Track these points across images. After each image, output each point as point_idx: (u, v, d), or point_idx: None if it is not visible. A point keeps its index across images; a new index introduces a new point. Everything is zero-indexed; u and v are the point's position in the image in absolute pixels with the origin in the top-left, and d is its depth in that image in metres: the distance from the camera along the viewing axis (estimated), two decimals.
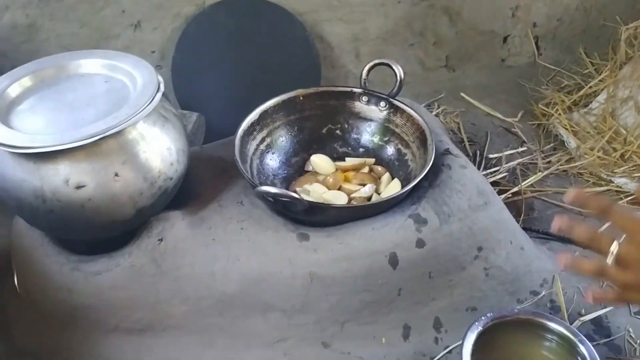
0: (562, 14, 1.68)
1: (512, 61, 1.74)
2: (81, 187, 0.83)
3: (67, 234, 0.91)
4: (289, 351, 0.96)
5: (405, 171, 1.09)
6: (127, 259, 0.92)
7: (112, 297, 0.92)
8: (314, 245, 0.93)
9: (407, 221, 0.95)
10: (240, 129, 1.06)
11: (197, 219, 0.97)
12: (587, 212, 0.77)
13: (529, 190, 1.30)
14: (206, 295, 0.93)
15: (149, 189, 0.88)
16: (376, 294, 0.95)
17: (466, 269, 0.99)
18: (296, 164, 1.15)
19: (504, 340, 0.94)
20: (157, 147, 0.89)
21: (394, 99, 1.13)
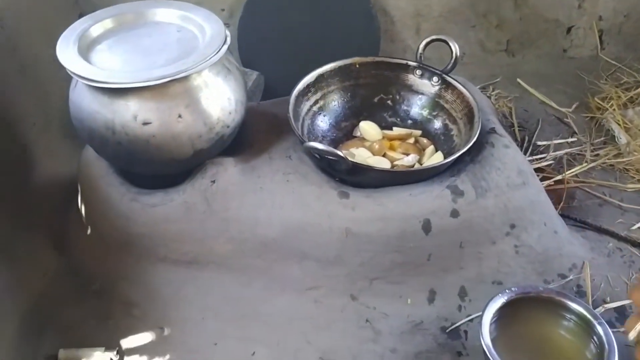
0: (630, 10, 1.65)
1: (573, 52, 1.72)
2: (147, 124, 0.91)
3: (130, 166, 0.99)
4: (319, 299, 1.03)
5: (449, 145, 1.13)
6: (181, 195, 1.00)
7: (165, 229, 1.01)
8: (352, 203, 0.99)
9: (444, 191, 1.00)
10: (296, 89, 1.12)
11: (248, 167, 1.04)
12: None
13: (572, 180, 1.31)
14: (249, 237, 1.00)
15: (207, 133, 0.95)
16: (407, 256, 1.00)
17: (496, 243, 1.02)
18: (345, 128, 1.20)
19: (524, 316, 0.98)
20: (218, 95, 0.96)
21: (447, 75, 1.16)
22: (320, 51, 1.58)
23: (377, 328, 1.01)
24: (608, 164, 1.36)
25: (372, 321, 1.02)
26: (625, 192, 1.28)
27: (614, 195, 1.28)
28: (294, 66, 1.53)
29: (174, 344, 0.99)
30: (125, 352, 0.97)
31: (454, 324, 1.02)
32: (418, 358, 0.98)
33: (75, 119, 0.96)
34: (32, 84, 1.22)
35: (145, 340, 0.99)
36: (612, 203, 1.25)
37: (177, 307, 1.03)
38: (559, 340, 0.96)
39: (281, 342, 1.00)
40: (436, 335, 1.01)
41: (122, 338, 0.99)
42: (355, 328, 1.01)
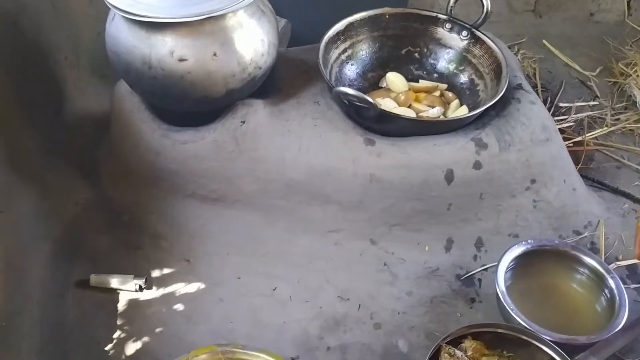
0: None
1: (600, 17, 1.71)
2: (183, 60, 0.92)
3: (164, 102, 1.01)
4: (339, 242, 1.06)
5: (474, 100, 1.14)
6: (211, 134, 1.02)
7: (194, 165, 1.04)
8: (378, 150, 1.01)
9: (468, 143, 1.02)
10: (326, 36, 1.13)
11: (277, 110, 1.06)
12: None
13: (592, 142, 1.33)
14: (275, 178, 1.03)
15: (240, 73, 0.97)
16: (427, 204, 1.03)
17: (516, 197, 1.05)
18: (372, 78, 1.22)
19: (538, 268, 1.01)
20: (252, 36, 0.97)
21: (476, 30, 1.16)
22: (347, 4, 1.58)
23: (394, 272, 1.05)
24: (628, 128, 1.38)
25: (390, 265, 1.06)
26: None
27: (632, 159, 1.29)
28: (321, 15, 1.53)
29: (199, 276, 1.03)
30: (154, 281, 1.02)
31: (468, 272, 1.06)
32: (433, 302, 1.01)
33: (112, 52, 0.97)
34: (64, 19, 1.23)
35: (173, 271, 1.03)
36: (629, 166, 1.27)
37: (202, 242, 1.07)
38: (570, 293, 1.00)
39: (302, 280, 1.04)
40: (451, 282, 1.04)
41: (151, 267, 1.03)
42: (373, 271, 1.05)
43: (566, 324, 0.94)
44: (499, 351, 0.88)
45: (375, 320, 0.99)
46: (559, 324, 0.92)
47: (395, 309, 1.00)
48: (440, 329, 0.97)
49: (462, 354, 0.85)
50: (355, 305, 1.01)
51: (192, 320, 0.97)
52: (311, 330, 0.97)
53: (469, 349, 0.87)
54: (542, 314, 0.94)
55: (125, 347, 0.93)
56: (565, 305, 0.98)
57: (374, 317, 0.99)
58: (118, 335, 0.95)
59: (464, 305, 1.01)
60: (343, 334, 0.97)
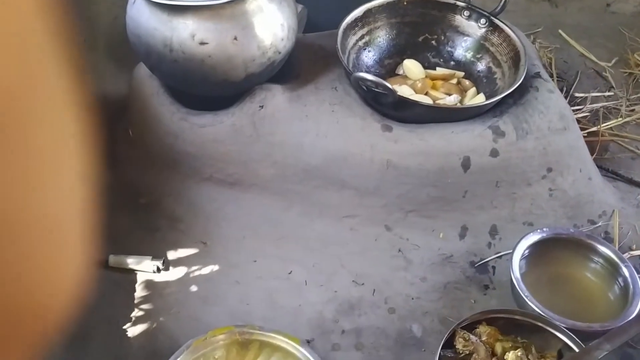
0: None
1: (616, 7, 1.70)
2: (204, 44, 0.93)
3: (184, 85, 1.02)
4: (355, 227, 1.07)
5: (491, 88, 1.14)
6: (230, 118, 1.03)
7: (212, 149, 1.05)
8: (395, 136, 1.02)
9: (485, 131, 1.02)
10: (344, 22, 1.13)
11: (295, 95, 1.06)
12: None
13: (607, 133, 1.33)
14: (293, 162, 1.04)
15: (260, 57, 0.97)
16: (443, 191, 1.04)
17: (532, 185, 1.05)
18: (388, 65, 1.22)
19: (552, 256, 1.02)
20: (272, 21, 0.97)
21: (495, 18, 1.16)
22: None
23: (408, 258, 1.06)
24: None
25: (404, 251, 1.07)
26: None
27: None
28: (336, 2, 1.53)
29: (216, 258, 1.04)
30: (171, 263, 1.03)
31: (483, 259, 1.06)
32: (446, 288, 1.02)
33: (133, 35, 0.98)
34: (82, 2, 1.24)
35: (189, 253, 1.04)
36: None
37: (219, 225, 1.08)
38: (584, 281, 1.01)
39: (317, 264, 1.05)
40: (465, 269, 1.05)
41: (168, 249, 1.04)
42: (387, 257, 1.06)
43: (579, 312, 0.94)
44: (513, 337, 0.89)
45: (389, 305, 1.00)
46: (573, 312, 0.93)
47: (409, 294, 1.01)
48: (453, 315, 0.98)
49: (477, 339, 0.86)
50: (369, 289, 1.02)
51: (208, 302, 0.99)
52: (326, 314, 0.98)
53: (484, 334, 0.87)
54: (556, 302, 0.94)
55: (143, 327, 0.95)
56: (579, 293, 0.99)
57: (388, 302, 1.00)
58: (136, 315, 0.96)
59: (477, 292, 1.02)
60: (357, 318, 0.98)
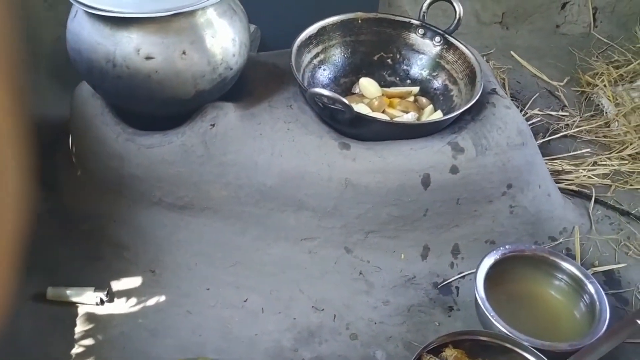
0: None
1: (566, 29, 1.74)
2: (150, 59, 0.88)
3: (129, 103, 0.96)
4: (313, 250, 1.03)
5: (448, 105, 1.13)
6: (179, 137, 0.98)
7: (161, 171, 0.99)
8: (353, 154, 0.98)
9: (445, 147, 1.00)
10: (298, 40, 1.10)
11: (248, 113, 1.02)
12: None
13: None
14: (246, 183, 0.99)
15: (210, 73, 0.93)
16: (404, 209, 1.00)
17: (493, 202, 1.03)
18: (344, 84, 1.19)
19: (516, 275, 1.00)
20: (223, 35, 0.93)
21: (450, 35, 1.15)
22: (317, 10, 1.56)
23: (370, 281, 1.02)
24: (593, 132, 1.39)
25: (366, 274, 1.02)
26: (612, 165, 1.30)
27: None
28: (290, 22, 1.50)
29: (165, 287, 0.97)
30: (116, 293, 0.96)
31: (445, 280, 1.03)
32: (410, 311, 0.98)
33: (73, 50, 0.92)
34: (21, 22, 1.17)
35: (137, 282, 0.97)
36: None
37: (169, 252, 1.01)
38: (549, 299, 0.98)
39: (274, 291, 0.99)
40: (428, 290, 1.02)
41: (113, 279, 0.97)
42: (348, 280, 1.01)
43: (546, 331, 0.91)
44: (480, 359, 0.85)
45: (351, 330, 0.95)
46: (539, 331, 0.90)
47: (372, 318, 0.97)
48: (418, 339, 0.94)
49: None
50: (330, 315, 0.97)
51: (157, 335, 0.92)
52: (284, 343, 0.92)
53: (450, 357, 0.83)
54: (522, 321, 0.91)
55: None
56: (545, 312, 0.96)
57: (350, 328, 0.95)
58: (76, 352, 0.88)
59: (441, 314, 0.99)
60: (318, 346, 0.92)
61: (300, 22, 1.15)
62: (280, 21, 1.53)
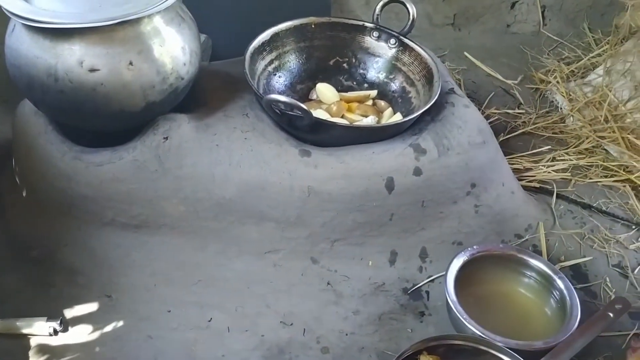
0: None
1: (517, 28, 1.76)
2: (95, 71, 0.83)
3: (75, 119, 0.91)
4: (278, 262, 0.99)
5: (407, 108, 1.11)
6: (130, 153, 0.93)
7: (112, 189, 0.94)
8: (314, 161, 0.96)
9: (407, 149, 0.98)
10: (251, 46, 1.07)
11: (203, 124, 0.98)
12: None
13: None
14: (205, 197, 0.95)
15: (160, 83, 0.89)
16: (369, 215, 0.98)
17: (457, 203, 1.02)
18: (301, 91, 1.17)
19: (485, 275, 0.98)
20: (172, 44, 0.90)
21: (404, 37, 1.14)
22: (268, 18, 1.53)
23: (338, 290, 0.99)
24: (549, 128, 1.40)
25: (334, 284, 0.99)
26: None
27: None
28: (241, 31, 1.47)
29: (123, 312, 0.92)
30: (70, 322, 0.90)
31: (415, 285, 1.01)
32: (381, 319, 0.96)
33: (13, 66, 0.87)
34: None
35: (92, 309, 0.92)
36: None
37: (125, 274, 0.96)
38: (520, 298, 0.97)
39: (239, 308, 0.95)
40: (398, 297, 0.99)
41: (66, 307, 0.91)
42: (316, 291, 0.98)
43: (518, 330, 0.90)
44: None
45: (322, 344, 0.91)
46: (512, 331, 0.88)
47: (343, 330, 0.93)
48: (391, 347, 0.91)
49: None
50: (299, 329, 0.93)
51: None
52: None
53: None
54: (494, 322, 0.90)
55: None
56: (516, 311, 0.95)
57: (320, 341, 0.92)
58: None
59: (413, 320, 0.96)
60: None
61: (252, 30, 1.12)
62: (231, 30, 1.49)
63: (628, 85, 1.44)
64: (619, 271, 1.06)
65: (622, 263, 1.07)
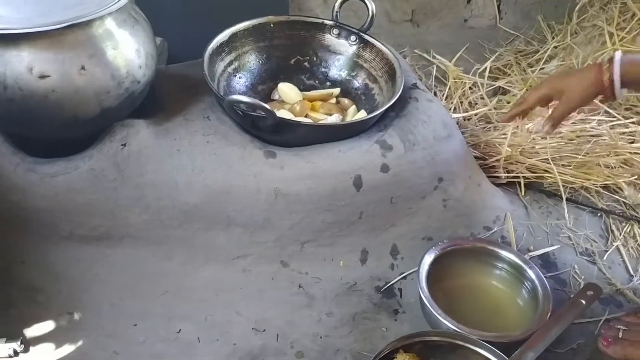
0: None
1: (474, 22, 1.77)
2: (45, 77, 0.79)
3: (26, 128, 0.86)
4: (247, 268, 0.96)
5: (371, 104, 1.10)
6: (87, 162, 0.89)
7: (69, 201, 0.89)
8: (280, 162, 0.93)
9: (373, 146, 0.97)
10: (209, 48, 1.04)
11: (162, 129, 0.95)
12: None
13: None
14: (168, 204, 0.92)
15: (115, 88, 0.85)
16: (338, 214, 0.96)
17: (426, 198, 1.01)
18: (262, 92, 1.14)
19: (457, 269, 0.98)
20: (126, 46, 0.86)
21: (364, 34, 1.13)
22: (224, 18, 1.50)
23: (310, 293, 0.97)
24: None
25: (305, 286, 0.97)
26: None
27: None
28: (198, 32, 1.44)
29: (87, 329, 0.88)
30: (31, 342, 0.85)
31: (387, 283, 1.00)
32: (355, 319, 0.94)
33: None
34: None
35: (54, 327, 0.87)
36: None
37: (88, 289, 0.92)
38: (492, 290, 0.97)
39: (209, 317, 0.92)
40: (371, 296, 0.98)
41: (26, 327, 0.87)
42: (287, 295, 0.96)
43: (493, 322, 0.90)
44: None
45: (296, 348, 0.89)
46: (486, 323, 0.88)
47: (317, 333, 0.92)
48: (367, 348, 0.90)
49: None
50: (272, 335, 0.91)
51: None
52: None
53: None
54: (468, 315, 0.89)
55: None
56: (490, 303, 0.95)
57: (294, 346, 0.90)
58: None
59: (387, 318, 0.95)
60: None
61: (209, 32, 1.09)
62: (186, 32, 1.46)
63: None
64: (587, 259, 1.07)
65: (589, 250, 1.08)
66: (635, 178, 1.18)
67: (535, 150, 1.21)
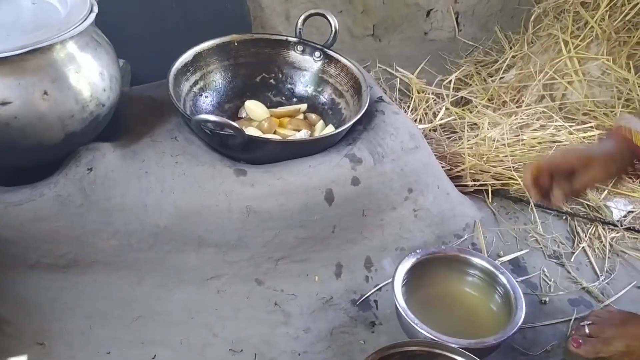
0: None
1: (434, 35, 1.81)
2: (6, 104, 0.77)
3: None
4: (222, 288, 0.95)
5: (338, 119, 1.11)
6: (52, 188, 0.87)
7: (34, 229, 0.87)
8: (251, 180, 0.93)
9: (343, 160, 0.97)
10: (174, 68, 1.04)
11: (129, 151, 0.93)
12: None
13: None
14: (137, 228, 0.90)
15: (80, 112, 0.84)
16: (311, 230, 0.96)
17: (397, 209, 1.02)
18: (229, 110, 1.14)
19: (431, 278, 0.98)
20: (89, 69, 0.85)
21: (328, 49, 1.14)
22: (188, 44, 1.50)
23: (287, 310, 0.96)
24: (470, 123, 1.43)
25: (281, 304, 0.96)
26: None
27: None
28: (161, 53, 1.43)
29: (58, 359, 0.85)
30: None
31: (363, 295, 1.00)
32: (333, 334, 0.94)
33: None
34: None
35: (23, 359, 0.84)
36: None
37: (58, 318, 0.89)
38: (466, 297, 0.98)
39: (184, 340, 0.90)
40: (347, 309, 0.98)
41: None
42: (264, 313, 0.95)
43: (468, 328, 0.91)
44: None
45: None
46: (462, 330, 0.89)
47: (295, 350, 0.91)
48: None
49: None
50: (250, 355, 0.90)
51: None
52: None
53: None
54: (444, 323, 0.89)
55: None
56: (464, 310, 0.96)
57: None
58: None
59: (364, 331, 0.95)
60: None
61: (172, 52, 1.08)
62: (149, 53, 1.44)
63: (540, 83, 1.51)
64: (555, 261, 1.09)
65: (556, 252, 1.10)
66: None
67: (499, 158, 1.24)
